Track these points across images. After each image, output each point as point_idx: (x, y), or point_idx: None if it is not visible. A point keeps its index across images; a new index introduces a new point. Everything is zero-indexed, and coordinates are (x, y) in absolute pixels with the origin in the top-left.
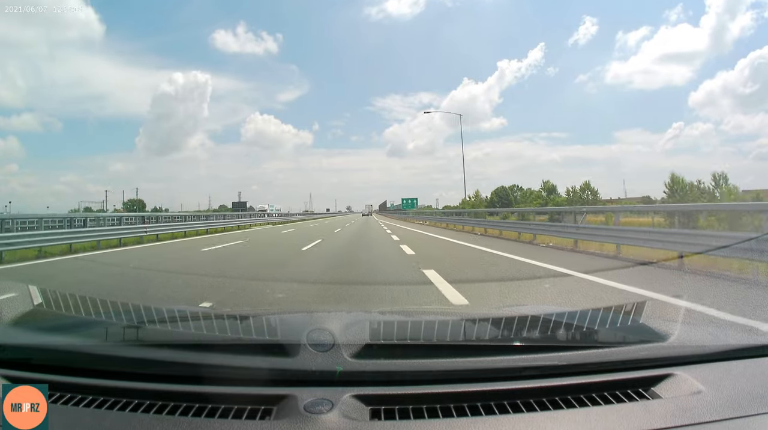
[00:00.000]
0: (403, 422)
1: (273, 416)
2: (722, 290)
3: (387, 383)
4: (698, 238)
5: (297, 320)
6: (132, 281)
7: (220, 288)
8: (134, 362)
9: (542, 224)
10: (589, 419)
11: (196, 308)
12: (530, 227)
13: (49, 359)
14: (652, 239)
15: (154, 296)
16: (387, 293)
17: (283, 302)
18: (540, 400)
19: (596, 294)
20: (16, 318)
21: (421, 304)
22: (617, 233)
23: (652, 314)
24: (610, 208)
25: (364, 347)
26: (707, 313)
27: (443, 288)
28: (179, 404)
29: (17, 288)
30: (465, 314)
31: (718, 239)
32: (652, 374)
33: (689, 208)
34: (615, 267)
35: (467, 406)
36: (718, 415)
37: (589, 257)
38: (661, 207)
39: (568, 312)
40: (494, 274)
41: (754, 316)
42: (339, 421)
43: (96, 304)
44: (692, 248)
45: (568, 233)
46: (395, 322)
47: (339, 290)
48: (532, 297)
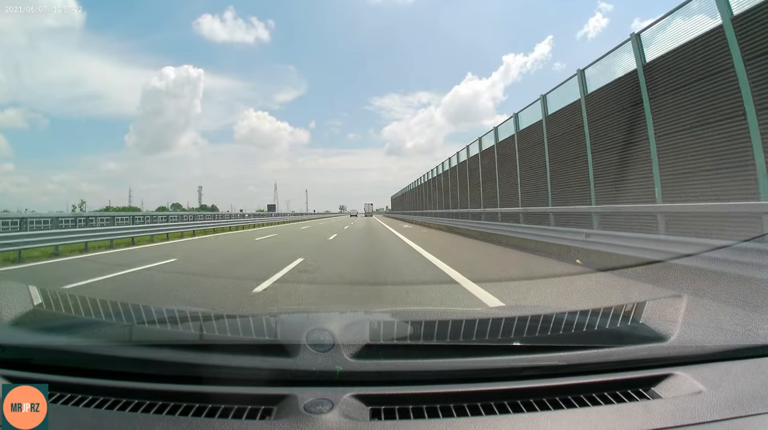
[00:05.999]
0: (403, 421)
1: (273, 416)
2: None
3: (387, 383)
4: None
5: (297, 320)
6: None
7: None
8: (134, 362)
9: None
10: (589, 419)
11: (195, 308)
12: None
13: (49, 359)
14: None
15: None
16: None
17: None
18: (540, 400)
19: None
20: (16, 318)
21: None
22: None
23: (652, 314)
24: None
25: (364, 347)
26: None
27: None
28: (179, 404)
29: (17, 288)
30: (465, 314)
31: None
32: (652, 374)
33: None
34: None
35: (467, 406)
36: (718, 415)
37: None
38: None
39: (568, 312)
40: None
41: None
42: (339, 421)
43: (96, 304)
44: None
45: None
46: (395, 322)
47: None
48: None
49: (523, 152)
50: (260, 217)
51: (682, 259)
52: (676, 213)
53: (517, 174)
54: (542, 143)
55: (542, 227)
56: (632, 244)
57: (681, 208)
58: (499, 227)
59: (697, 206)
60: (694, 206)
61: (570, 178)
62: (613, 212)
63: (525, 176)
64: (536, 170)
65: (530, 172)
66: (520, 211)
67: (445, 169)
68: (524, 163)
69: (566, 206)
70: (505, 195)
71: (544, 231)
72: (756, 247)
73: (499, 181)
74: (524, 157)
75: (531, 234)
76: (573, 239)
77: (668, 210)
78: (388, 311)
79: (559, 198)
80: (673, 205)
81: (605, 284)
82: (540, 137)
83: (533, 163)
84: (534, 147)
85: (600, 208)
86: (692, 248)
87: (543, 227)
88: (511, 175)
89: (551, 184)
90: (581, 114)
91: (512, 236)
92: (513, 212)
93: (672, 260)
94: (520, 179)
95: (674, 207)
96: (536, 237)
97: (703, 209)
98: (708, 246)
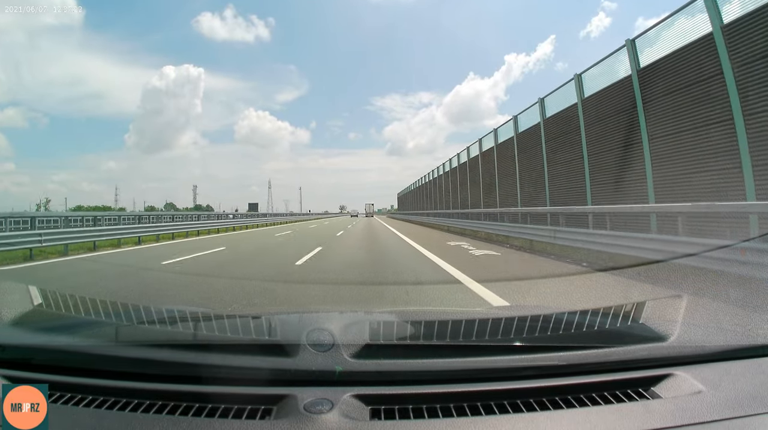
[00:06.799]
0: (403, 421)
1: (273, 416)
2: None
3: (387, 382)
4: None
5: (297, 320)
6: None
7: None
8: (134, 362)
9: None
10: (589, 419)
11: (195, 308)
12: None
13: (49, 359)
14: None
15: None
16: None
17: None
18: (540, 400)
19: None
20: (16, 318)
21: None
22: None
23: (652, 314)
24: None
25: (364, 347)
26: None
27: None
28: (179, 404)
29: (17, 288)
30: (465, 314)
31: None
32: (652, 374)
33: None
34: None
35: (467, 406)
36: (718, 415)
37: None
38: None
39: (568, 312)
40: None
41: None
42: (339, 421)
43: (96, 304)
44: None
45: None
46: (395, 322)
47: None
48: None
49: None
50: (238, 219)
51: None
52: (668, 212)
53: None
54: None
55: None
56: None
57: (670, 208)
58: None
59: (692, 206)
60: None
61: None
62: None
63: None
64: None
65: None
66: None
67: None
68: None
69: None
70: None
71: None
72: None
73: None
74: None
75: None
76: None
77: (660, 210)
78: (387, 310)
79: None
80: (663, 206)
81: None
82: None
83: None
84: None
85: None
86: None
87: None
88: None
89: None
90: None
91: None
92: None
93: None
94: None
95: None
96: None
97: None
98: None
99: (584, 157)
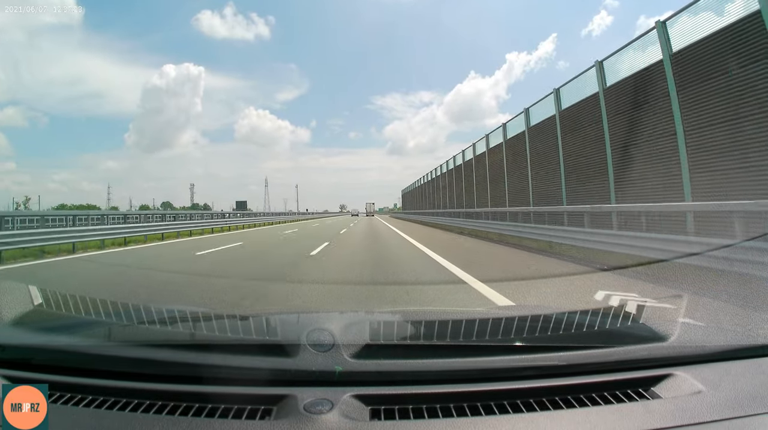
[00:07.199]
0: (403, 422)
1: (273, 416)
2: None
3: (387, 383)
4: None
5: (297, 320)
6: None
7: None
8: (134, 362)
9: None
10: (589, 419)
11: (195, 308)
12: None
13: (49, 359)
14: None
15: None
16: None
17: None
18: (540, 400)
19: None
20: (16, 318)
21: None
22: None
23: (652, 314)
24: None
25: (364, 347)
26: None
27: None
28: (179, 404)
29: (17, 288)
30: (465, 314)
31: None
32: (652, 374)
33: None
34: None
35: (467, 406)
36: (718, 415)
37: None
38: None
39: (568, 312)
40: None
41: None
42: (339, 421)
43: (96, 304)
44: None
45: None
46: (395, 322)
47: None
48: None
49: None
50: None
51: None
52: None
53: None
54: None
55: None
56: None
57: (665, 207)
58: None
59: (689, 205)
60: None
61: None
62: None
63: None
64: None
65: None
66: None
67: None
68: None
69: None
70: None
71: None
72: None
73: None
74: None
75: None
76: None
77: (650, 210)
78: (387, 310)
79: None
80: (655, 205)
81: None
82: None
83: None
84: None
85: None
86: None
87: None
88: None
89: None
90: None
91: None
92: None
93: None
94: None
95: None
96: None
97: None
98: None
99: (607, 151)
